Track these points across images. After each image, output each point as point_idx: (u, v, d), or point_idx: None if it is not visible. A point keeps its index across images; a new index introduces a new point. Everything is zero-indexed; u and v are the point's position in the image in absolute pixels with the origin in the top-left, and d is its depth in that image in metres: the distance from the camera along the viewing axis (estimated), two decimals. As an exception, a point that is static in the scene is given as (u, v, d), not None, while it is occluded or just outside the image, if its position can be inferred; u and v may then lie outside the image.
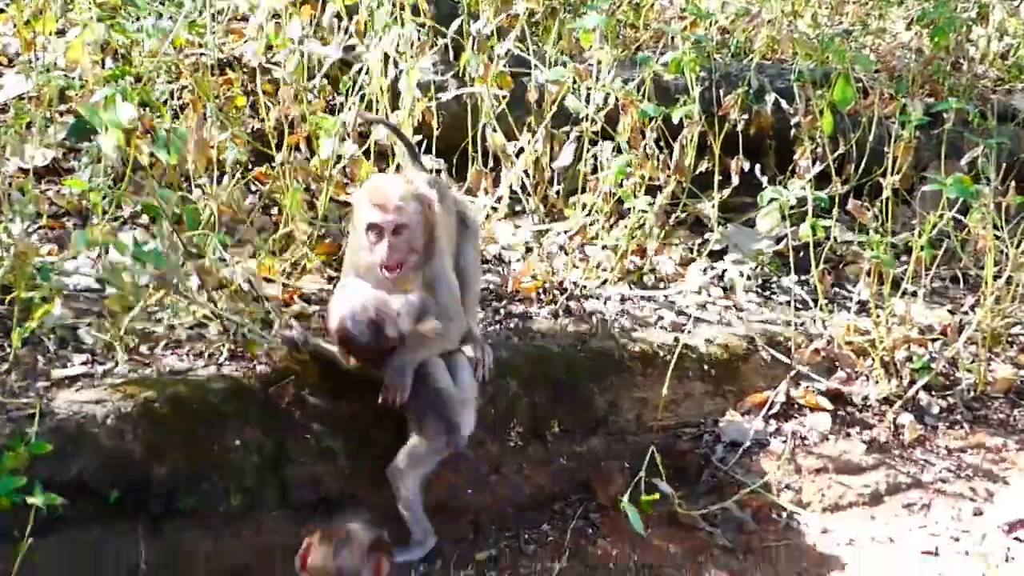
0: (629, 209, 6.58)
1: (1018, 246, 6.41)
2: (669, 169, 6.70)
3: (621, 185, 6.43)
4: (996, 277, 6.47)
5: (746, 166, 6.72)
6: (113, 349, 4.93)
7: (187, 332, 5.23)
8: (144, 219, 5.84)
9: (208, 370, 5.00)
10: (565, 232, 6.70)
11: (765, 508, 5.66)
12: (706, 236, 7.16)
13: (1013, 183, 6.58)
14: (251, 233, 6.00)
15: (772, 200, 6.17)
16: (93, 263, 5.51)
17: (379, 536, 4.18)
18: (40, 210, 5.74)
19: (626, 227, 6.61)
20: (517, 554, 5.24)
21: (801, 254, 6.60)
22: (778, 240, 7.11)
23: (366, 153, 6.36)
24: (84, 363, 4.89)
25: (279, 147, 6.15)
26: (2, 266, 4.63)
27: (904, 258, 6.52)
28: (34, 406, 4.38)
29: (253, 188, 6.54)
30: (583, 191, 6.71)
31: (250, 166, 6.45)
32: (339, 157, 6.21)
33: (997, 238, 6.45)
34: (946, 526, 5.67)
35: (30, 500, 3.96)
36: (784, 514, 5.66)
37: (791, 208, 6.22)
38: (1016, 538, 5.56)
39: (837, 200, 6.52)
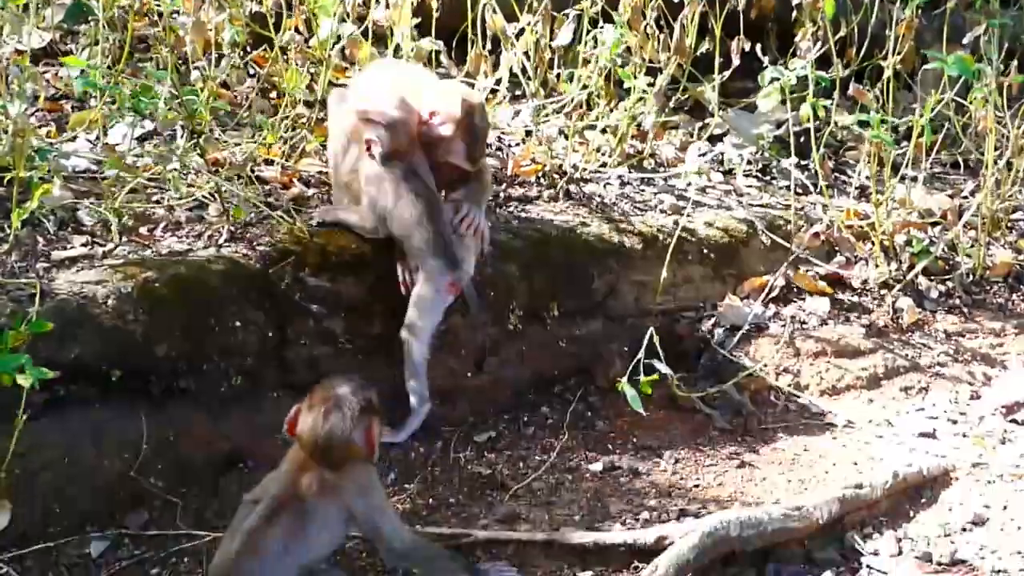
0: (628, 91, 6.52)
1: (1019, 128, 6.39)
2: (669, 50, 6.64)
3: (622, 67, 6.37)
4: (997, 161, 6.46)
5: (747, 47, 6.67)
6: (111, 231, 4.91)
7: (186, 214, 5.21)
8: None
9: (208, 251, 4.97)
10: (563, 111, 6.64)
11: (763, 391, 5.68)
12: (706, 120, 7.12)
13: (1016, 64, 6.53)
14: (250, 115, 5.97)
15: (773, 80, 6.14)
16: (92, 145, 5.50)
17: (369, 399, 4.15)
18: (38, 92, 5.71)
19: (626, 109, 6.55)
20: (517, 436, 5.26)
21: (802, 139, 6.58)
22: (778, 124, 7.09)
23: (364, 34, 6.30)
24: (84, 244, 4.88)
25: (277, 28, 6.08)
26: (1, 146, 4.60)
27: (905, 144, 6.48)
28: (34, 286, 4.37)
29: (252, 71, 6.50)
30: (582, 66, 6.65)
31: (248, 49, 6.40)
32: (338, 38, 6.16)
33: (998, 120, 6.42)
34: (944, 409, 5.69)
35: (19, 379, 3.93)
36: (782, 397, 5.68)
37: (792, 91, 6.19)
38: (1013, 420, 5.58)
39: (838, 84, 6.48)
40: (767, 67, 6.20)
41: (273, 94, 6.35)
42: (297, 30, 6.29)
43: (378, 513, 4.15)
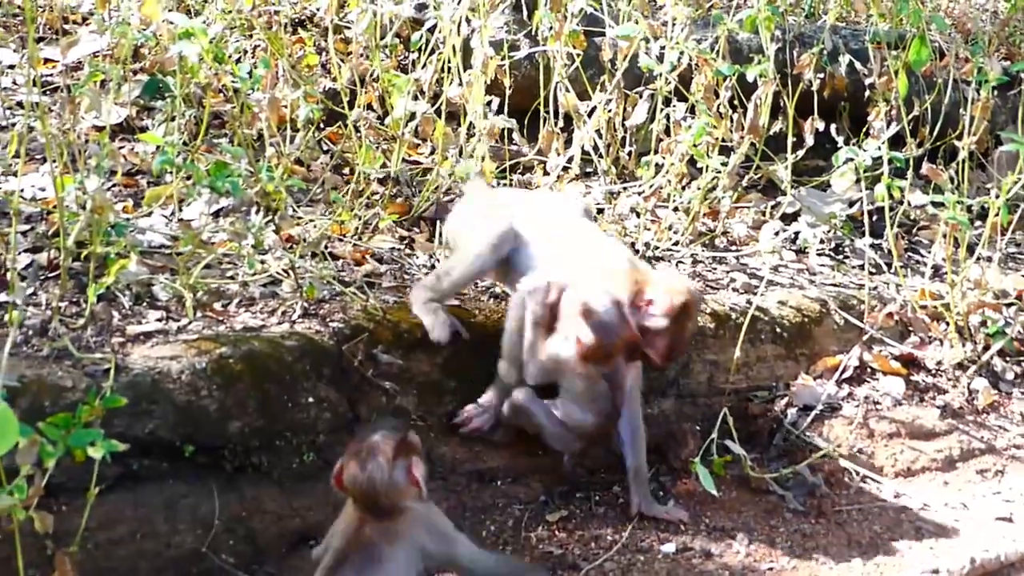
0: (701, 170, 6.52)
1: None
2: (743, 130, 6.64)
3: (696, 145, 6.37)
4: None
5: (820, 127, 6.66)
6: (186, 306, 4.94)
7: (260, 290, 5.23)
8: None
9: (281, 327, 5.00)
10: (638, 193, 6.65)
11: (837, 472, 5.63)
12: (779, 199, 7.11)
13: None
14: (324, 192, 6.01)
15: (848, 160, 6.12)
16: (167, 220, 5.54)
17: (402, 438, 4.15)
18: (115, 167, 5.77)
19: (699, 188, 6.55)
20: (589, 515, 5.22)
21: (875, 218, 6.56)
22: (851, 203, 7.08)
23: (438, 112, 6.34)
24: (159, 319, 4.90)
25: (351, 105, 6.14)
26: (78, 222, 4.64)
27: (979, 223, 6.45)
28: (109, 361, 4.39)
29: (325, 148, 6.55)
30: (655, 152, 6.65)
31: (322, 125, 6.45)
32: (412, 115, 6.20)
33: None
34: (1020, 492, 5.63)
35: (91, 452, 3.93)
36: (856, 479, 5.63)
37: (865, 170, 6.17)
38: (1089, 504, 5.53)
39: (911, 163, 6.45)
40: (841, 147, 6.19)
41: (346, 170, 6.39)
42: (370, 107, 6.35)
43: (451, 544, 4.21)
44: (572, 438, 5.10)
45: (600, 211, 6.65)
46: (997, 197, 6.11)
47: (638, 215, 6.53)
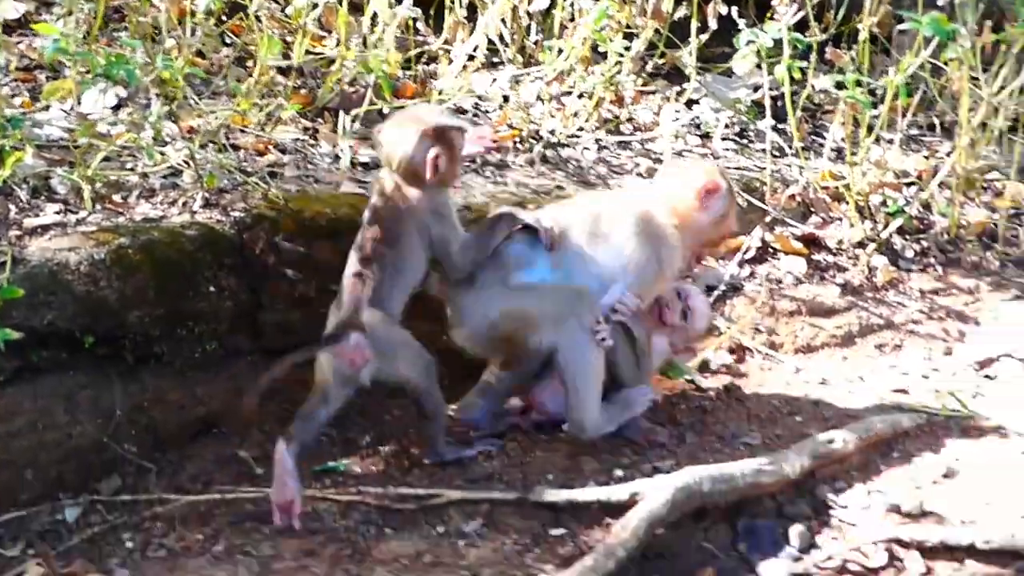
0: (605, 56, 6.53)
1: (993, 89, 6.40)
2: (646, 15, 6.64)
3: (601, 30, 6.37)
4: (971, 121, 6.47)
5: (724, 11, 6.66)
6: (84, 198, 4.92)
7: (160, 181, 5.21)
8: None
9: (182, 217, 4.98)
10: (541, 79, 6.65)
11: (739, 351, 5.72)
12: (684, 86, 7.13)
13: (990, 25, 6.53)
14: (226, 84, 5.97)
15: (749, 42, 6.15)
16: (66, 114, 5.50)
17: (444, 126, 4.72)
18: (11, 61, 5.72)
19: (602, 74, 6.57)
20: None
21: (779, 103, 6.59)
22: (756, 89, 7.10)
23: (340, 1, 6.29)
24: (57, 212, 4.87)
25: (253, -3, 6.09)
26: (-27, 116, 4.61)
27: (881, 106, 6.48)
28: (6, 253, 4.38)
29: (228, 41, 6.49)
30: (560, 38, 6.65)
31: (224, 18, 6.40)
32: (314, 6, 6.16)
33: (973, 81, 6.44)
34: (917, 365, 5.74)
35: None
36: (758, 356, 5.71)
37: (768, 54, 6.20)
38: (986, 375, 5.64)
39: (815, 49, 6.48)
40: (743, 30, 6.22)
41: (250, 63, 6.34)
42: (273, -2, 6.31)
43: (447, 229, 4.75)
44: None
45: (506, 99, 6.65)
46: (893, 77, 6.15)
47: (543, 102, 6.53)
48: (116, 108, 5.59)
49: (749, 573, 4.34)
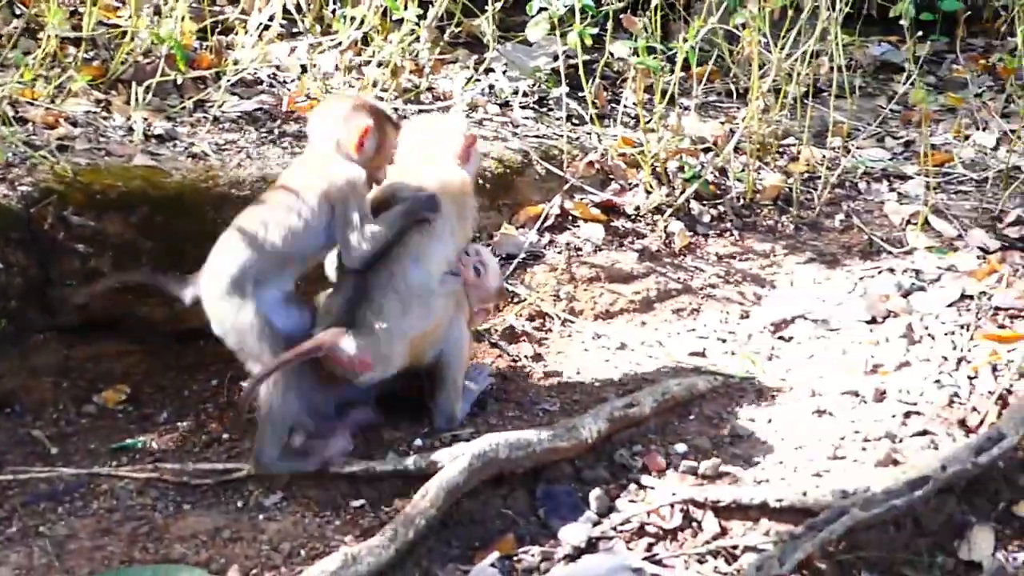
0: (403, 24, 6.52)
1: (783, 53, 6.53)
2: (442, -19, 6.66)
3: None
4: (763, 87, 6.59)
5: (520, -24, 6.70)
6: None
7: (-56, 156, 5.10)
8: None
9: (-33, 191, 4.88)
10: (337, 47, 6.61)
11: (539, 317, 5.75)
12: (484, 55, 7.14)
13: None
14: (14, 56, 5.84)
15: (541, 9, 6.18)
16: None
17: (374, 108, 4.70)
18: None
19: (399, 42, 6.55)
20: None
21: (578, 73, 6.64)
22: (556, 58, 7.13)
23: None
24: None
25: (42, -34, 5.96)
26: None
27: (677, 74, 6.57)
28: None
29: (18, 12, 6.35)
30: (354, 6, 6.63)
31: (13, -12, 6.27)
32: (98, -27, 6.06)
33: (764, 47, 6.55)
34: (714, 329, 5.82)
35: None
36: (556, 322, 5.75)
37: (566, 22, 6.24)
38: (780, 337, 5.75)
39: (611, 17, 6.53)
40: (538, -2, 6.26)
41: (41, 36, 6.21)
42: (61, -33, 6.17)
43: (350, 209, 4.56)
44: None
45: (304, 69, 6.61)
46: (686, 42, 6.24)
47: (341, 71, 6.50)
48: None
49: (549, 538, 4.37)
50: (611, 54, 6.75)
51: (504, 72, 7.29)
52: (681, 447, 4.81)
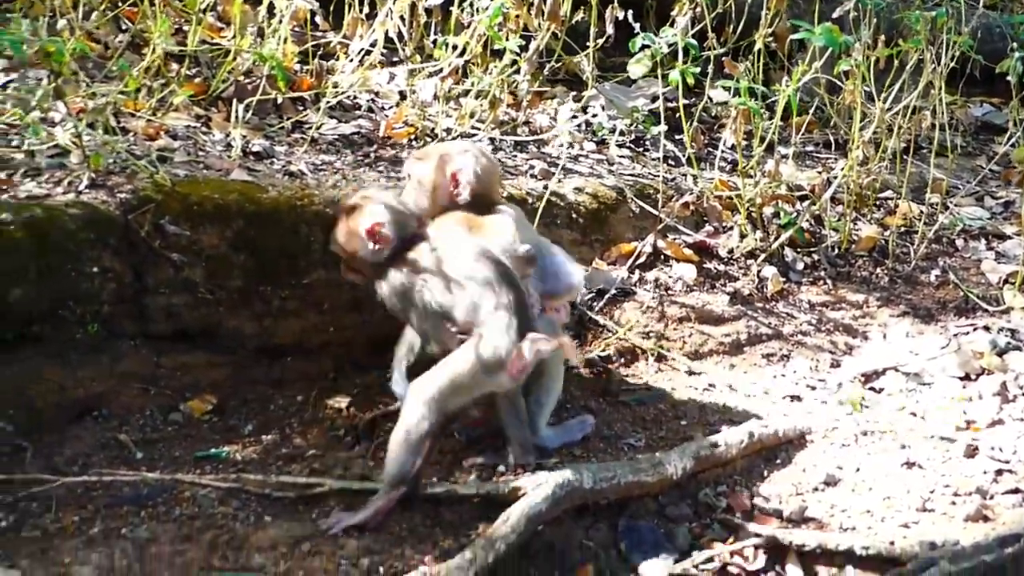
0: (503, 56, 6.53)
1: (885, 104, 6.47)
2: (543, 16, 6.65)
3: (499, 30, 6.37)
4: (863, 136, 6.54)
5: (620, 15, 6.68)
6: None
7: (47, 160, 5.11)
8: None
9: (67, 196, 4.89)
10: (437, 74, 6.62)
11: (627, 353, 5.72)
12: (583, 93, 7.15)
13: (883, 38, 6.60)
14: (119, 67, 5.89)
15: (644, 46, 6.17)
16: (-46, 90, 5.41)
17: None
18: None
19: (499, 73, 6.55)
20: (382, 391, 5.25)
21: (676, 115, 6.62)
22: (654, 99, 7.13)
23: (239, -8, 6.25)
24: (-61, 187, 4.79)
25: (149, -18, 6.02)
26: None
27: (776, 120, 6.54)
28: None
29: (124, 27, 6.42)
30: (456, 34, 6.65)
31: (120, 3, 6.32)
32: (209, -7, 6.12)
33: (867, 96, 6.51)
34: (804, 375, 5.78)
35: None
36: (646, 358, 5.71)
37: (667, 63, 6.23)
38: (871, 388, 5.68)
39: (712, 61, 6.51)
40: (639, 34, 6.24)
41: (145, 50, 6.27)
42: (170, -16, 6.24)
43: None
44: None
45: (402, 96, 6.63)
46: (788, 86, 6.20)
47: (440, 101, 6.51)
48: (3, 87, 5.49)
49: (629, 573, 4.32)
50: (710, 98, 6.73)
51: (603, 108, 7.28)
52: (766, 489, 4.76)
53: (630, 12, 6.64)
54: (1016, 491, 4.77)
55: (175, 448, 4.64)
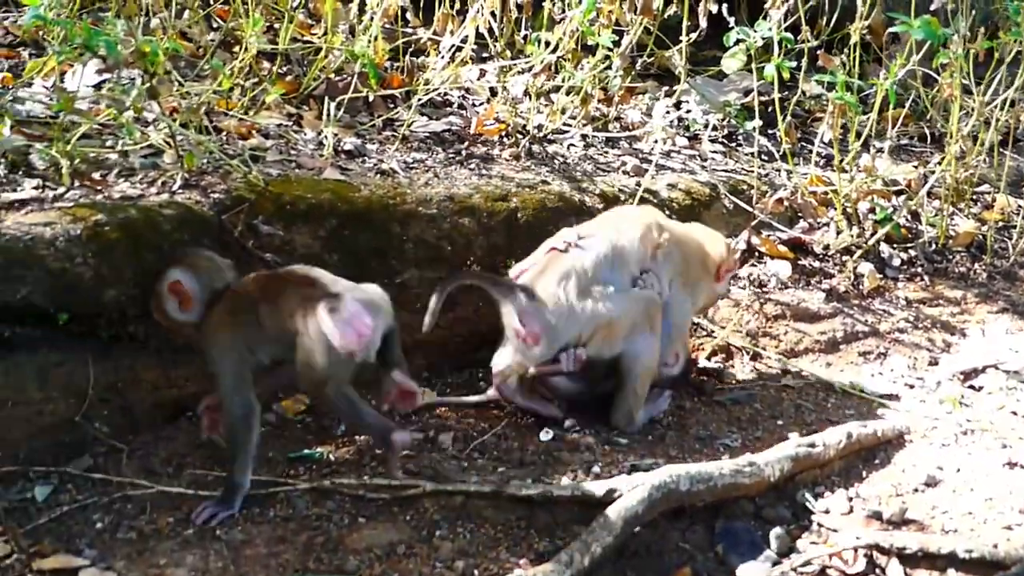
0: (595, 52, 6.47)
1: (984, 98, 6.37)
2: (636, 11, 6.59)
3: (591, 25, 6.32)
4: (961, 131, 6.45)
5: (714, 8, 6.60)
6: (63, 174, 4.84)
7: (141, 160, 5.12)
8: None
9: (161, 197, 4.89)
10: (529, 70, 6.58)
11: (721, 351, 5.67)
12: (674, 88, 7.09)
13: (982, 30, 6.50)
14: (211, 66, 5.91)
15: (739, 41, 6.11)
16: (48, 92, 5.43)
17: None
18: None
19: (591, 68, 6.50)
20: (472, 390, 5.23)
21: (769, 109, 6.55)
22: (746, 93, 7.07)
23: (330, -11, 6.25)
24: (35, 188, 4.78)
25: (241, -19, 6.04)
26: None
27: (872, 114, 6.45)
28: (-19, 226, 4.31)
29: (216, 25, 6.44)
30: (549, 30, 6.61)
31: (211, 1, 6.34)
32: (301, -9, 6.12)
33: (965, 90, 6.40)
34: (902, 374, 5.70)
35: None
36: (741, 356, 5.66)
37: (760, 58, 6.16)
38: (970, 386, 5.59)
39: (806, 54, 6.43)
40: (733, 28, 6.18)
41: (236, 49, 6.28)
42: (262, -17, 6.25)
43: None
44: None
45: (493, 92, 6.60)
46: (886, 80, 6.11)
47: (531, 97, 6.48)
48: (98, 87, 5.52)
49: (726, 575, 4.28)
50: (803, 92, 6.65)
51: (696, 103, 7.22)
52: (865, 490, 4.69)
53: (724, 6, 6.55)
54: (1121, 493, 4.68)
55: (269, 449, 4.64)
